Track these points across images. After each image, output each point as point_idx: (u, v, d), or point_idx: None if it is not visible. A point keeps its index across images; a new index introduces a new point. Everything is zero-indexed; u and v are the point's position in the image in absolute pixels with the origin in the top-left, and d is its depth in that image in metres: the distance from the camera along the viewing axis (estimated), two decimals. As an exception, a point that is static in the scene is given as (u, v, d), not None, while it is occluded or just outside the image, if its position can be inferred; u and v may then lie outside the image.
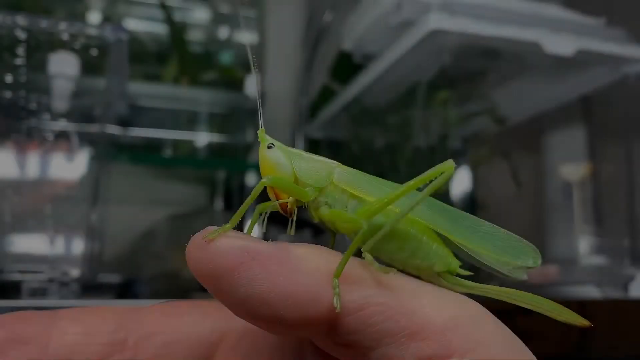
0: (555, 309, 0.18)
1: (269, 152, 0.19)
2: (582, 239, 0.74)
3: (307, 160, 0.19)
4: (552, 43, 0.58)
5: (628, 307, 0.55)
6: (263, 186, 0.17)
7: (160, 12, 0.73)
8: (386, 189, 0.19)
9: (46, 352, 0.16)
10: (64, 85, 0.54)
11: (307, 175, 0.18)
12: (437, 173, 0.17)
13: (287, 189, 0.18)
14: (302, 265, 0.14)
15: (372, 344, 0.14)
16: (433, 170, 0.17)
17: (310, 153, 0.19)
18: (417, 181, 0.17)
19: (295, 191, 0.18)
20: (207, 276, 0.14)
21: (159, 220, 0.72)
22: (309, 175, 0.18)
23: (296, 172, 0.18)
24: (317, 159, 0.19)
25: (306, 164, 0.19)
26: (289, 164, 0.18)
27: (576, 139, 0.77)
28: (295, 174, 0.18)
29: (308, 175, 0.18)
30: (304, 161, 0.19)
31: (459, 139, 0.74)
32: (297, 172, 0.18)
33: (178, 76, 0.71)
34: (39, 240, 0.52)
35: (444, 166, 0.17)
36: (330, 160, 0.19)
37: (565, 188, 0.76)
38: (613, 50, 0.61)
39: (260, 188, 0.17)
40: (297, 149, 0.19)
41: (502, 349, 0.14)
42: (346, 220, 0.18)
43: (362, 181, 0.19)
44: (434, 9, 0.56)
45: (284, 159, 0.18)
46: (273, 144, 0.19)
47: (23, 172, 0.53)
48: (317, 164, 0.19)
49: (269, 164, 0.19)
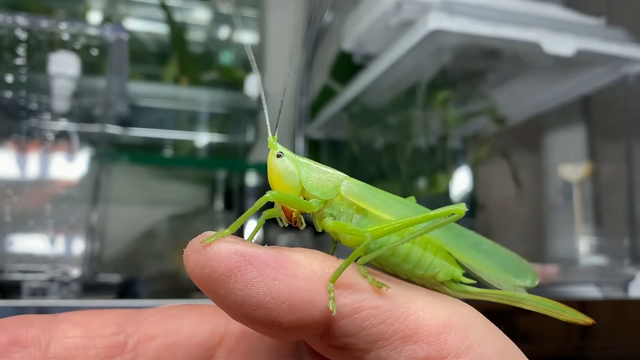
0: (557, 308, 0.19)
1: (277, 160, 0.19)
2: (582, 239, 0.74)
3: (315, 171, 0.19)
4: (552, 43, 0.58)
5: (628, 307, 0.55)
6: (265, 201, 0.17)
7: (160, 12, 0.73)
8: (392, 203, 0.19)
9: (46, 354, 0.16)
10: (64, 85, 0.55)
11: (314, 186, 0.19)
12: (447, 213, 0.17)
13: (290, 203, 0.18)
14: (298, 270, 0.15)
15: (367, 346, 0.14)
16: (444, 209, 0.17)
17: (319, 164, 0.19)
18: (426, 216, 0.17)
19: (298, 205, 0.18)
20: (205, 280, 0.14)
21: (159, 220, 0.72)
22: (316, 187, 0.19)
23: (303, 183, 0.18)
24: (325, 170, 0.19)
25: (314, 174, 0.19)
26: (296, 173, 0.19)
27: (576, 139, 0.77)
28: (302, 184, 0.18)
29: (315, 186, 0.19)
30: (312, 171, 0.19)
31: (459, 139, 0.74)
32: (304, 183, 0.18)
33: (178, 76, 0.71)
34: (39, 240, 0.52)
35: (456, 208, 0.17)
36: (338, 172, 0.19)
37: (565, 188, 0.76)
38: (613, 50, 0.61)
39: (262, 203, 0.17)
40: (305, 158, 0.19)
41: (495, 351, 0.14)
42: (350, 232, 0.18)
43: (369, 195, 0.19)
44: (434, 9, 0.56)
45: (292, 167, 0.19)
46: (282, 152, 0.19)
47: (23, 172, 0.53)
48: (325, 176, 0.19)
49: (277, 172, 0.19)
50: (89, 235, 0.54)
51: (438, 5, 0.56)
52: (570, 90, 0.70)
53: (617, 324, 0.51)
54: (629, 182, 0.67)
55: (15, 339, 0.16)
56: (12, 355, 0.16)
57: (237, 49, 0.79)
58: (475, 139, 0.76)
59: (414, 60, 0.61)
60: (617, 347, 0.50)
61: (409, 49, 0.58)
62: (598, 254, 0.71)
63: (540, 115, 0.78)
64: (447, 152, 0.67)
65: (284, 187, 0.18)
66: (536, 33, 0.58)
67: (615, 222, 0.72)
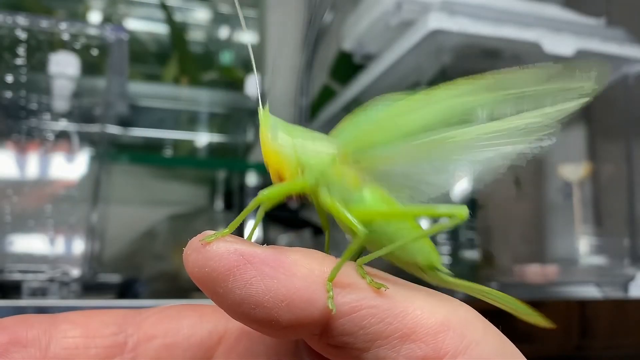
0: (522, 309, 0.18)
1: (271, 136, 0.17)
2: (582, 239, 0.74)
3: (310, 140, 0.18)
4: (552, 43, 0.58)
5: (628, 307, 0.55)
6: (258, 203, 0.16)
7: (160, 12, 0.73)
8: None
9: (47, 354, 0.16)
10: (64, 85, 0.55)
11: (310, 159, 0.17)
12: (449, 214, 0.16)
13: (282, 195, 0.17)
14: (297, 269, 0.15)
15: (365, 345, 0.14)
16: (446, 207, 0.16)
17: (314, 132, 0.18)
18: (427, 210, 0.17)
19: (292, 191, 0.17)
20: (204, 279, 0.14)
21: (159, 220, 0.72)
22: (311, 157, 0.17)
23: (299, 157, 0.17)
24: (320, 137, 0.18)
25: (310, 145, 0.17)
26: (290, 145, 0.17)
27: (576, 139, 0.77)
28: (298, 159, 0.17)
29: (310, 156, 0.17)
30: (307, 142, 0.17)
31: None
32: (301, 157, 0.17)
33: (178, 76, 0.71)
34: (39, 240, 0.52)
35: (458, 211, 0.16)
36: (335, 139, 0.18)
37: (565, 188, 0.76)
38: (613, 50, 0.61)
39: (255, 204, 0.16)
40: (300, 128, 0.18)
41: (492, 350, 0.14)
42: (345, 220, 0.17)
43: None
44: (434, 9, 0.56)
45: (285, 139, 0.17)
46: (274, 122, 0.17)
47: (23, 172, 0.53)
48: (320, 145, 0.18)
49: (269, 146, 0.17)
50: (89, 235, 0.54)
51: (438, 5, 0.57)
52: (570, 90, 0.70)
53: (617, 324, 0.51)
54: (629, 182, 0.67)
55: (16, 338, 0.16)
56: (13, 355, 0.16)
57: (237, 49, 0.79)
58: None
59: (414, 60, 0.61)
60: (617, 347, 0.50)
61: (409, 49, 0.58)
62: (598, 254, 0.71)
63: (540, 115, 0.78)
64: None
65: (279, 164, 0.17)
66: (536, 33, 0.58)
67: (615, 222, 0.72)
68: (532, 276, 0.60)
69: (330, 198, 0.17)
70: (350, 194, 0.18)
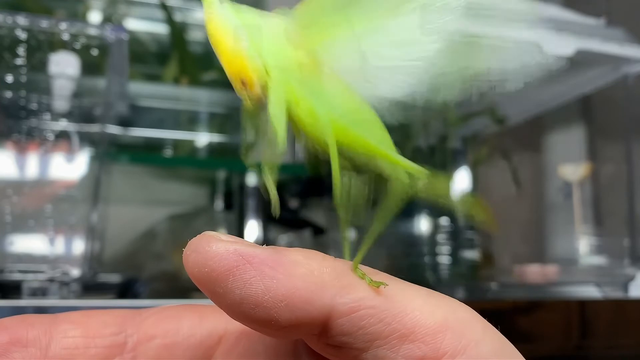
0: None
1: (216, 14, 0.14)
2: (582, 239, 0.74)
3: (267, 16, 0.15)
4: (552, 43, 0.58)
5: (628, 307, 0.55)
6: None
7: (160, 12, 0.73)
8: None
9: (47, 354, 0.16)
10: (64, 85, 0.55)
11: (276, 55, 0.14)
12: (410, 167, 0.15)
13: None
14: (296, 269, 0.15)
15: (364, 345, 0.14)
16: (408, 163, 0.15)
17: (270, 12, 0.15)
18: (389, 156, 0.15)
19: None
20: (204, 279, 0.14)
21: (159, 220, 0.72)
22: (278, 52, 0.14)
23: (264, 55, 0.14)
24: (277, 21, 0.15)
25: (265, 21, 0.14)
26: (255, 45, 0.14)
27: (576, 139, 0.77)
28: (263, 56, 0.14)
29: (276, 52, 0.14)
30: (262, 18, 0.14)
31: (459, 139, 0.74)
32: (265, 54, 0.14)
33: (178, 76, 0.71)
34: (39, 240, 0.52)
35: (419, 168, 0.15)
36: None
37: (565, 188, 0.77)
38: (613, 50, 0.61)
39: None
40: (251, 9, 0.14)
41: (491, 350, 0.15)
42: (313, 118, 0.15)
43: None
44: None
45: (234, 21, 0.14)
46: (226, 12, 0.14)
47: (23, 172, 0.53)
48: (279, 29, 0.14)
49: (216, 29, 0.14)
50: (89, 235, 0.54)
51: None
52: (570, 90, 0.70)
53: (617, 324, 0.52)
54: (629, 182, 0.67)
55: (16, 338, 0.16)
56: (13, 355, 0.16)
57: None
58: (475, 139, 0.76)
59: (414, 60, 0.61)
60: (617, 347, 0.50)
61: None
62: (598, 254, 0.72)
63: (540, 115, 0.78)
64: (447, 152, 0.67)
65: (227, 55, 0.14)
66: (536, 33, 0.58)
67: (615, 222, 0.72)
68: (532, 276, 0.60)
69: (302, 97, 0.15)
70: (314, 89, 0.15)
